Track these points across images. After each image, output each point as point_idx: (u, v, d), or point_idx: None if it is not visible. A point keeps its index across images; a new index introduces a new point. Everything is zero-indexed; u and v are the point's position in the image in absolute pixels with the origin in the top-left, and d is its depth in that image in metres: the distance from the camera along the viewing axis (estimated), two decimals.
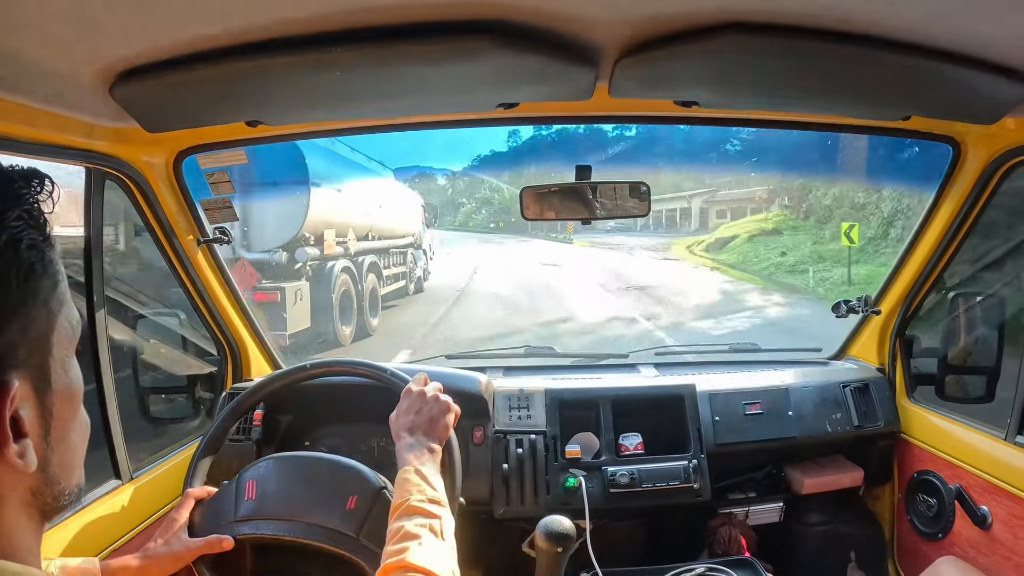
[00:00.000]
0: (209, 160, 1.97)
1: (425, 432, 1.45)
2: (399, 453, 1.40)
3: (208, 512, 1.53)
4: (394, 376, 1.71)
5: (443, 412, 1.49)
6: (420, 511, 1.23)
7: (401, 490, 1.29)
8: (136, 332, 2.17)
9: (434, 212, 17.14)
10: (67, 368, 0.69)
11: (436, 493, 1.30)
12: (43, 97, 1.29)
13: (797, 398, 2.37)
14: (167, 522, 1.47)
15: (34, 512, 0.66)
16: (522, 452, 2.14)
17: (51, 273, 0.66)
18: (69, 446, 0.69)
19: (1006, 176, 1.90)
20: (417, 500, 1.25)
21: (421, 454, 1.39)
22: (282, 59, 1.18)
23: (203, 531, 1.48)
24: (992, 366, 2.09)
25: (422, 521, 1.20)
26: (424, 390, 1.52)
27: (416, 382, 1.55)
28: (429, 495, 1.28)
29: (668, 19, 1.15)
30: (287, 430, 2.18)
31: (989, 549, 1.96)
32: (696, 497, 2.14)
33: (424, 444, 1.42)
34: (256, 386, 1.80)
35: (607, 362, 2.86)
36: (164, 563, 1.40)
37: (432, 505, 1.26)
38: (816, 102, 1.68)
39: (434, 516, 1.23)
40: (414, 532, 1.17)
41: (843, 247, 16.67)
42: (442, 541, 1.20)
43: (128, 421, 1.86)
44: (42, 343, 0.65)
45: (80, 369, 0.72)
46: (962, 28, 1.13)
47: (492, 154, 41.98)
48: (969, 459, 2.06)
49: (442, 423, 1.48)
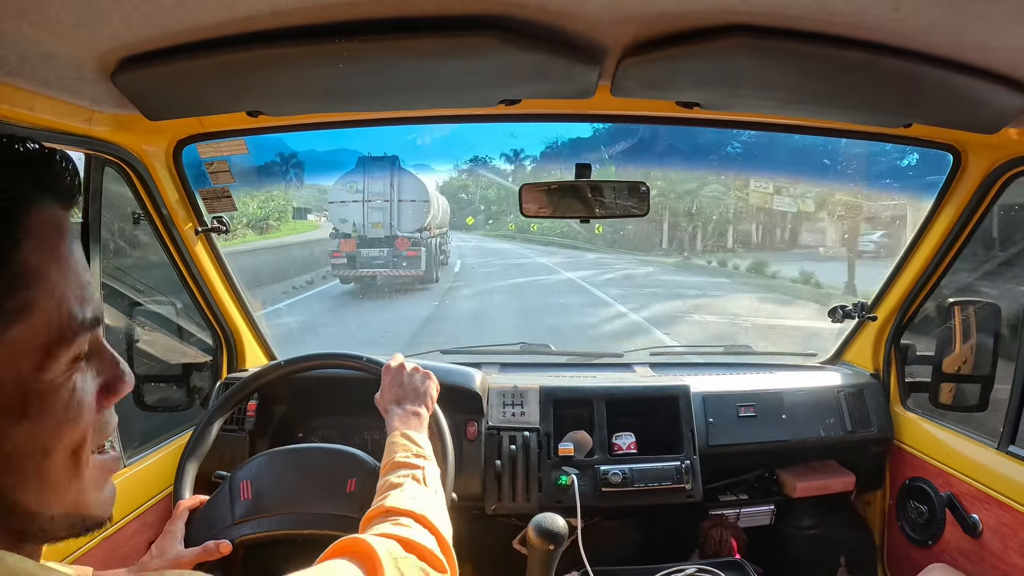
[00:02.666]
0: (209, 149, 1.96)
1: (411, 400, 1.51)
2: (388, 424, 1.45)
3: (203, 520, 1.52)
4: (370, 361, 1.73)
5: (424, 380, 1.57)
6: (403, 464, 1.28)
7: (388, 453, 1.34)
8: (132, 319, 2.16)
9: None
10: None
11: (421, 449, 1.35)
12: (43, 82, 1.28)
13: (791, 402, 2.37)
14: (163, 534, 1.47)
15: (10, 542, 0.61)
16: (515, 449, 2.14)
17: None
18: (19, 462, 0.61)
19: (1006, 186, 1.91)
20: (402, 456, 1.30)
21: (407, 419, 1.45)
22: (285, 50, 1.17)
23: (200, 540, 1.46)
24: (986, 375, 2.09)
25: (404, 472, 1.25)
26: (403, 363, 1.60)
27: (393, 360, 1.61)
28: (414, 451, 1.33)
29: (673, 19, 1.15)
30: (280, 421, 2.18)
31: (979, 557, 1.96)
32: (688, 498, 2.15)
33: (409, 410, 1.48)
34: (228, 394, 1.82)
35: (602, 361, 2.86)
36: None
37: (416, 459, 1.31)
38: (818, 107, 1.68)
39: (416, 467, 1.27)
40: (396, 482, 1.21)
41: None
42: (425, 487, 1.24)
43: (120, 408, 1.85)
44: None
45: None
46: (966, 37, 1.13)
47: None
48: (961, 467, 2.06)
49: (424, 390, 1.55)
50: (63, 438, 0.61)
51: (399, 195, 16.66)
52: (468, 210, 37.30)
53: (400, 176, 16.77)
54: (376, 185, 16.63)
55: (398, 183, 16.69)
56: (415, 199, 16.85)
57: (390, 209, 16.62)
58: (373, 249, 16.31)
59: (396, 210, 16.60)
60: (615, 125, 17.24)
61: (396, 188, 16.67)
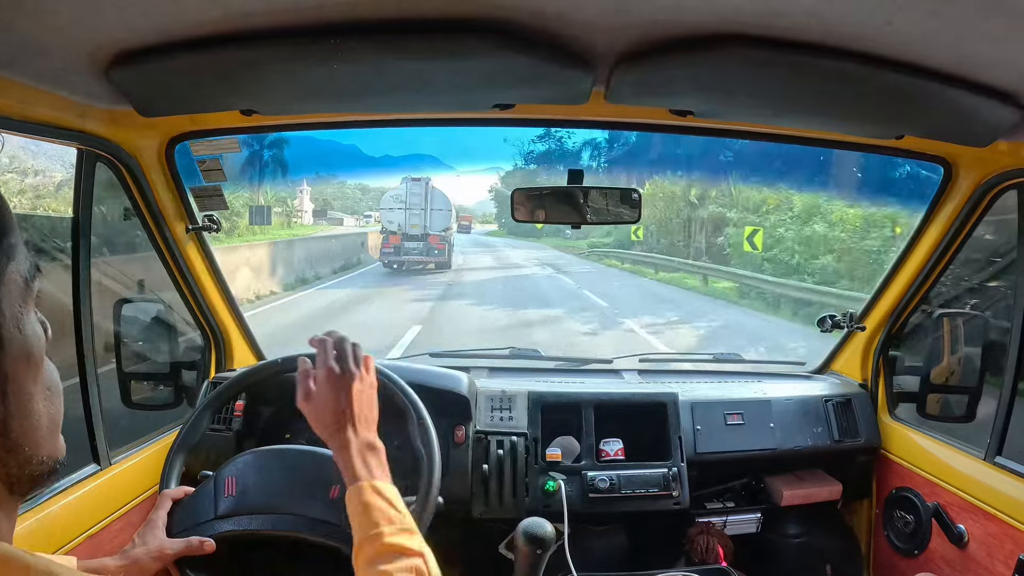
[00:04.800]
0: (202, 147, 1.96)
1: (362, 424, 1.24)
2: (339, 456, 1.21)
3: (186, 512, 1.51)
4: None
5: (366, 390, 1.28)
6: (399, 549, 1.07)
7: (364, 518, 1.12)
8: (120, 316, 2.15)
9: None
10: (21, 326, 0.64)
11: (405, 517, 1.13)
12: (37, 75, 1.27)
13: (779, 410, 2.38)
14: (145, 523, 1.45)
15: (0, 486, 0.63)
16: (503, 453, 2.14)
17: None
18: (29, 410, 0.65)
19: (996, 199, 1.92)
20: (391, 535, 1.08)
21: (369, 460, 1.20)
22: (280, 49, 1.17)
23: (182, 531, 1.46)
24: (974, 386, 2.10)
25: (406, 563, 1.05)
26: (330, 365, 1.26)
27: (319, 358, 1.29)
28: (399, 523, 1.11)
29: (668, 27, 1.15)
30: (267, 422, 2.17)
31: (964, 567, 1.97)
32: (675, 505, 2.15)
33: (368, 443, 1.23)
34: (222, 387, 1.79)
35: (591, 367, 2.87)
36: (143, 564, 1.35)
37: (408, 538, 1.09)
38: (811, 117, 1.69)
39: (415, 553, 1.07)
40: None
41: None
42: None
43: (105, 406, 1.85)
44: None
45: (44, 330, 0.69)
46: (960, 50, 1.14)
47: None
48: (948, 477, 2.07)
49: (368, 404, 1.27)
50: (41, 379, 0.67)
51: (432, 205, 23.09)
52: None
53: (432, 192, 23.25)
54: (415, 199, 23.10)
55: (430, 197, 23.16)
56: (442, 208, 23.36)
57: (424, 215, 22.89)
58: (412, 243, 22.64)
59: (429, 216, 22.82)
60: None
61: (429, 200, 23.08)
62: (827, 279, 14.77)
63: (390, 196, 23.88)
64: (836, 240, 15.66)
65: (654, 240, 26.17)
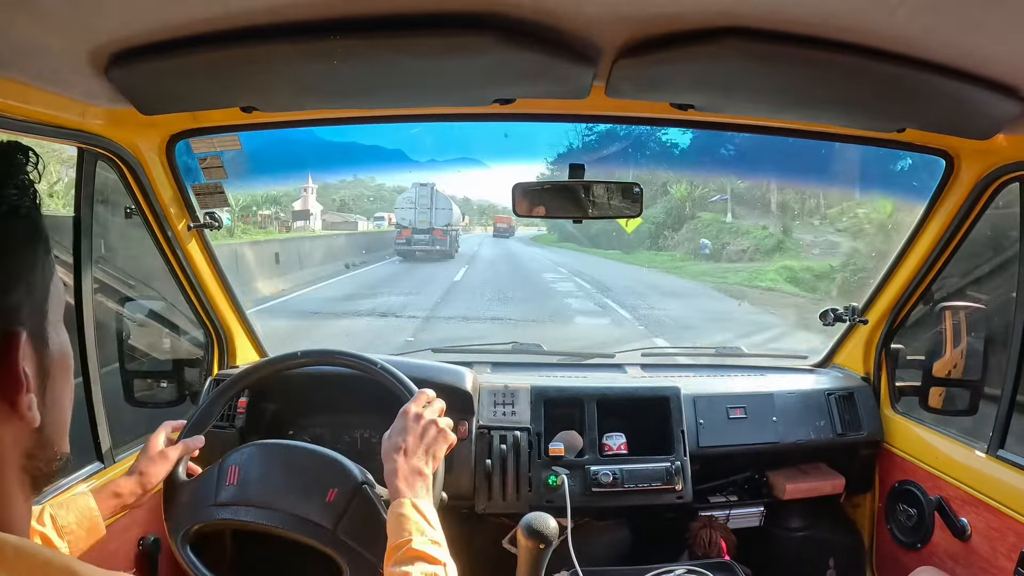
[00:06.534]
0: (202, 145, 1.96)
1: (419, 455, 1.37)
2: (389, 478, 1.34)
3: (189, 494, 1.53)
4: (402, 384, 1.65)
5: (437, 438, 1.42)
6: (423, 556, 1.16)
7: (398, 527, 1.22)
8: (122, 314, 2.15)
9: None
10: (59, 332, 0.71)
11: (436, 532, 1.24)
12: (37, 75, 1.27)
13: (781, 404, 2.38)
14: (144, 446, 1.56)
15: (27, 479, 0.67)
16: (505, 448, 2.14)
17: (43, 240, 0.69)
18: (61, 409, 0.71)
19: (997, 192, 1.91)
20: (419, 543, 1.18)
21: (414, 483, 1.33)
22: (279, 46, 1.17)
23: (183, 512, 1.49)
24: (977, 380, 2.10)
25: (426, 569, 1.14)
26: (422, 413, 1.44)
27: (417, 401, 1.46)
28: (430, 535, 1.22)
29: (668, 21, 1.15)
30: (271, 418, 2.18)
31: (967, 560, 1.97)
32: (678, 499, 2.15)
33: (415, 468, 1.35)
34: (251, 368, 1.78)
35: (593, 361, 2.87)
36: (148, 472, 1.49)
37: (434, 548, 1.19)
38: (812, 110, 1.68)
39: (438, 562, 1.16)
40: None
41: None
42: None
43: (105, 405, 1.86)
44: (40, 306, 0.68)
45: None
46: (961, 43, 1.13)
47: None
48: (951, 471, 2.07)
49: (434, 451, 1.41)
50: (71, 380, 0.73)
51: (436, 205, 26.84)
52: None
53: (436, 194, 27.27)
54: (422, 200, 26.93)
55: (435, 199, 27.07)
56: (444, 208, 27.11)
57: (430, 213, 26.72)
58: (420, 235, 26.46)
59: (433, 214, 26.76)
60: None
61: (434, 201, 26.86)
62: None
63: (403, 198, 28.34)
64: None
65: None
